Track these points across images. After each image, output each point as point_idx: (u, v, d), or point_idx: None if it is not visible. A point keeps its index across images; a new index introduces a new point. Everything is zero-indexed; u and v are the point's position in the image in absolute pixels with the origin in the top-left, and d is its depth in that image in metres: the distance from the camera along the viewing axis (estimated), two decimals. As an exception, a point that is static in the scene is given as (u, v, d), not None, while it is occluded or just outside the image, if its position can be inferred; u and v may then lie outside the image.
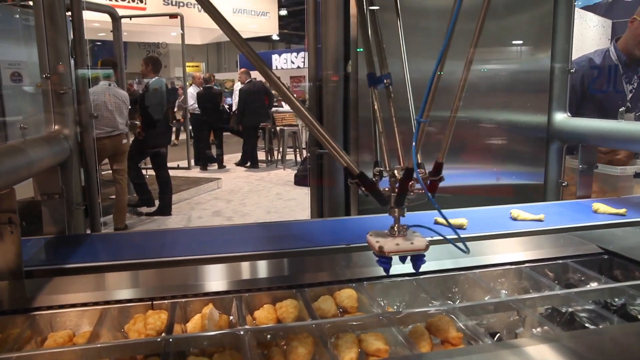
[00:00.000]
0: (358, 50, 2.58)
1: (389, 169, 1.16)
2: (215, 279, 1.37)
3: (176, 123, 10.79)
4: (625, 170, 2.67)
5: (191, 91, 10.24)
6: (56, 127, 2.09)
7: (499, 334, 1.17)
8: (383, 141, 1.22)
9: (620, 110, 2.31)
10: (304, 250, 1.60)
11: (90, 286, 1.34)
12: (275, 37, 20.67)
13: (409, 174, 1.06)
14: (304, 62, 16.66)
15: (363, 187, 1.12)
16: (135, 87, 7.86)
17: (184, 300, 1.26)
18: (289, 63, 18.35)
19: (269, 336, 1.10)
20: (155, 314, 1.18)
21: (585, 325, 1.14)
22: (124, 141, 5.58)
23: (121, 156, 5.61)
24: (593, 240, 1.61)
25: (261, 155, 10.81)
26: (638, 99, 3.06)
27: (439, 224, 1.69)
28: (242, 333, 1.07)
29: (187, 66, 10.49)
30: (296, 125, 10.70)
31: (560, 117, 2.71)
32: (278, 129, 10.70)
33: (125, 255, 1.60)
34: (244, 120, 9.93)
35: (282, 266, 1.49)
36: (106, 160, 5.60)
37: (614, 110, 2.39)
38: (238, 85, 10.81)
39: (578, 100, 2.99)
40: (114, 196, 5.64)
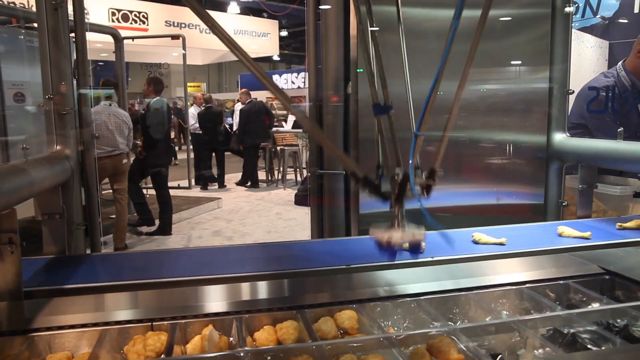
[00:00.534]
0: (358, 70, 2.60)
1: (389, 173, 1.32)
2: (215, 299, 1.36)
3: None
4: (625, 189, 2.67)
5: (192, 111, 10.30)
6: (58, 147, 2.11)
7: (500, 356, 1.17)
8: (386, 149, 1.37)
9: (619, 130, 2.31)
10: (305, 271, 1.60)
11: (90, 307, 1.33)
12: (276, 58, 20.90)
13: (407, 177, 1.25)
14: (304, 83, 16.78)
15: (367, 189, 1.28)
16: (136, 107, 7.89)
17: (183, 321, 1.26)
18: (290, 83, 18.47)
19: (269, 358, 1.09)
20: (154, 335, 1.18)
21: (588, 346, 1.14)
22: (124, 161, 5.60)
23: (121, 176, 5.63)
24: (594, 260, 1.61)
25: (262, 174, 10.82)
26: None
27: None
28: (242, 354, 1.06)
29: (189, 86, 10.57)
30: (296, 145, 10.74)
31: (560, 137, 2.72)
32: (278, 148, 10.73)
33: (125, 275, 1.59)
34: (245, 140, 9.97)
35: (283, 287, 1.49)
36: (106, 179, 5.61)
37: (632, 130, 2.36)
38: (239, 106, 10.88)
39: (603, 123, 2.99)
40: (114, 215, 5.64)
